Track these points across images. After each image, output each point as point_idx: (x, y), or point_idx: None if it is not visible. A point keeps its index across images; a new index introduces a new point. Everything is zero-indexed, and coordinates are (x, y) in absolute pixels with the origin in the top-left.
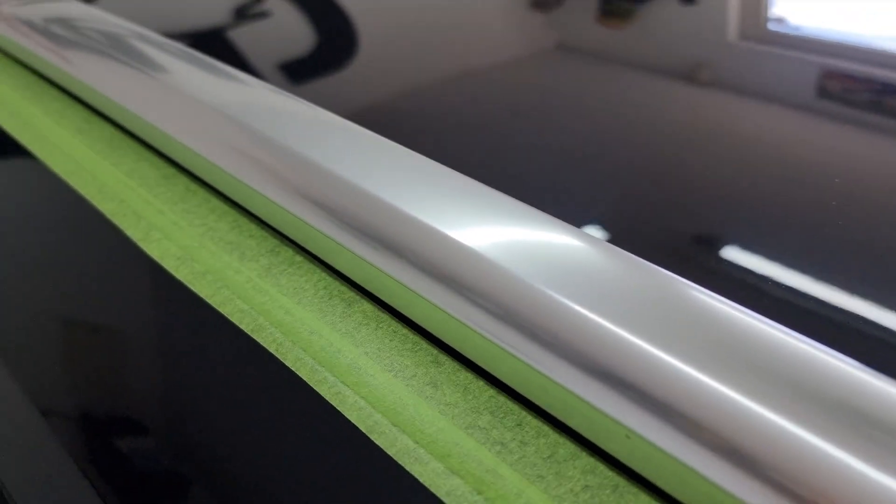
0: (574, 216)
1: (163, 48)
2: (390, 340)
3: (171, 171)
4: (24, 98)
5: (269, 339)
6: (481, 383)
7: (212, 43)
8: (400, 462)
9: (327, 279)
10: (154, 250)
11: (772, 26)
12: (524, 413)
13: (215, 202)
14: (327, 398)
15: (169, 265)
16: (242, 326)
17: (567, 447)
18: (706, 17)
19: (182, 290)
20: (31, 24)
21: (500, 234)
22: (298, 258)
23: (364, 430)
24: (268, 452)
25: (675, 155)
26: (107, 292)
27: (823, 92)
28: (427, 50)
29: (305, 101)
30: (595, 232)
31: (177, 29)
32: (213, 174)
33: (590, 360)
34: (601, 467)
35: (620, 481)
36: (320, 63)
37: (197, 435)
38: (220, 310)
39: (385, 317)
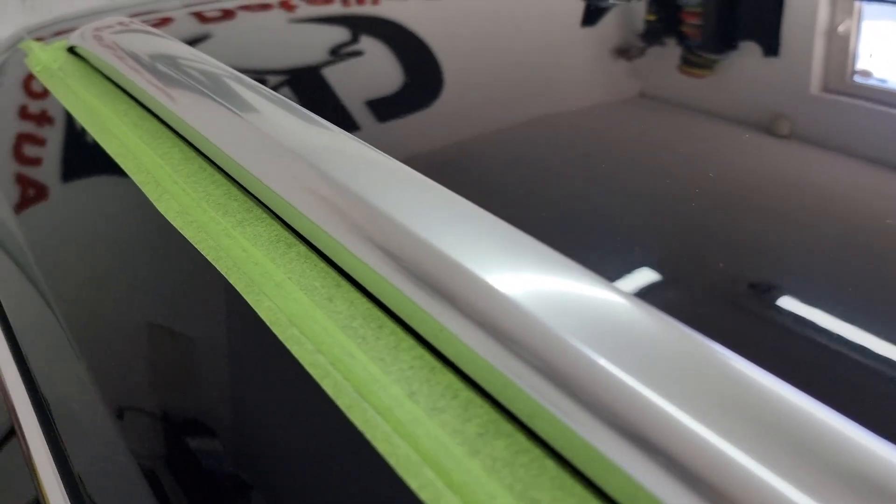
0: (652, 266)
1: (251, 88)
2: (310, 269)
3: (191, 153)
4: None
5: (225, 267)
6: (364, 299)
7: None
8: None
9: (279, 230)
10: (162, 207)
11: (857, 79)
12: (388, 321)
13: (217, 176)
14: (253, 304)
15: (170, 217)
16: (210, 258)
17: (408, 342)
18: (790, 70)
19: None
20: (136, 58)
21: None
22: (264, 215)
23: (275, 331)
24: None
25: (757, 209)
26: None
27: None
28: (511, 99)
29: (365, 143)
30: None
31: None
32: (213, 152)
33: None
34: (427, 356)
35: (437, 365)
36: (399, 106)
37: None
38: (199, 247)
39: (311, 255)
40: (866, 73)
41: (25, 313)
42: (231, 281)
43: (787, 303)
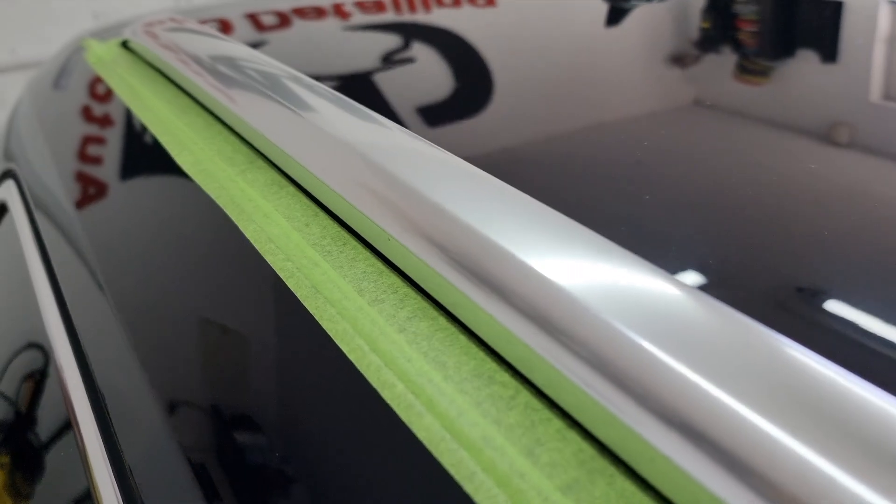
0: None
1: (310, 88)
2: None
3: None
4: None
5: (286, 273)
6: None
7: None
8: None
9: (355, 245)
10: (248, 232)
11: None
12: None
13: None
14: (307, 305)
15: (250, 235)
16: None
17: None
18: (848, 78)
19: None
20: (194, 58)
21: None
22: (342, 233)
23: (318, 319)
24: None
25: (816, 216)
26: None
27: None
28: (563, 106)
29: (426, 140)
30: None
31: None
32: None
33: None
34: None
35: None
36: (451, 109)
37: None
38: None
39: (368, 256)
40: None
41: (86, 309)
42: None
43: (849, 310)
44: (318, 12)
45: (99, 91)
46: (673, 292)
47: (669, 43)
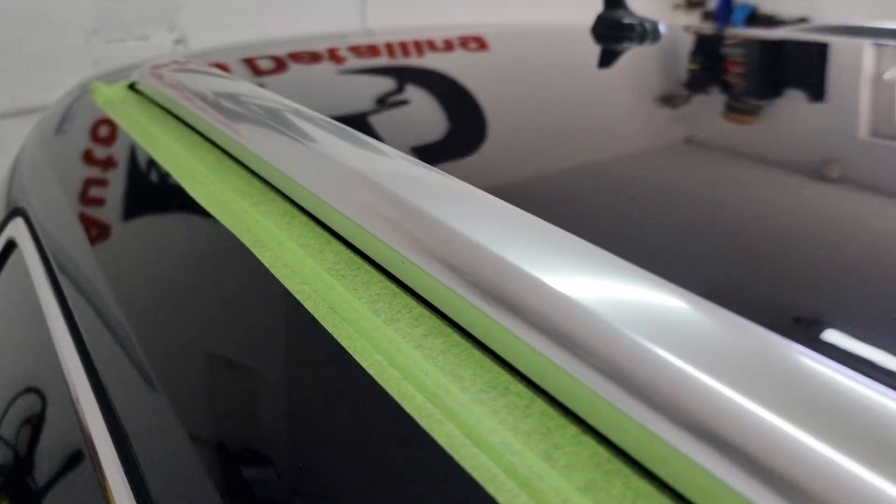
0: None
1: (311, 121)
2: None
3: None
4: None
5: (306, 299)
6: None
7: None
8: (352, 354)
9: (371, 272)
10: (265, 259)
11: None
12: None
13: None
14: (336, 335)
15: (267, 263)
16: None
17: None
18: (836, 115)
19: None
20: (202, 97)
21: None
22: (356, 259)
23: (350, 350)
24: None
25: (811, 252)
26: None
27: None
28: (555, 152)
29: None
30: None
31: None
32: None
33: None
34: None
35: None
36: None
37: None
38: (285, 282)
39: (390, 285)
40: None
41: (104, 342)
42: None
43: (846, 343)
44: (314, 57)
45: (107, 131)
46: (673, 298)
47: (660, 83)
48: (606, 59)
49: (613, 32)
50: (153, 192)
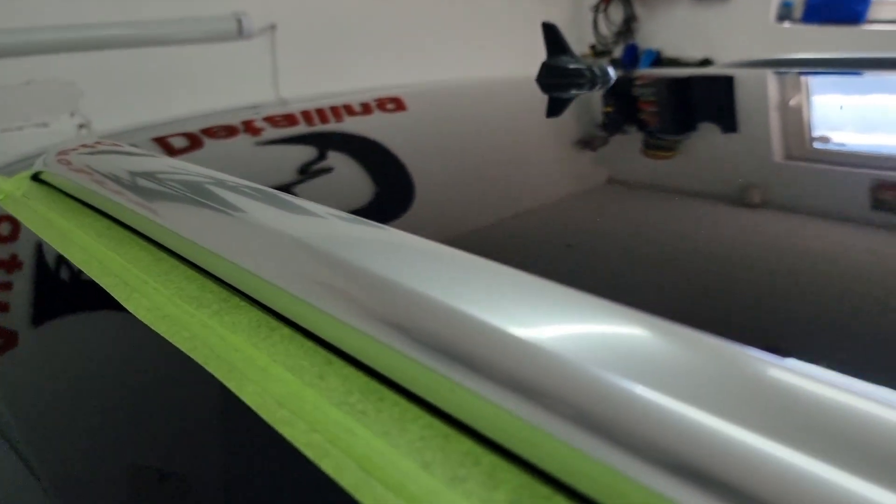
0: None
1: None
2: (296, 349)
3: (163, 255)
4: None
5: (203, 357)
6: (361, 374)
7: None
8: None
9: (259, 315)
10: (132, 306)
11: (817, 145)
12: (382, 387)
13: (189, 271)
14: (241, 395)
15: (142, 315)
16: (193, 355)
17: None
18: (751, 143)
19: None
20: (124, 181)
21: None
22: (243, 303)
23: (265, 416)
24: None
25: (739, 279)
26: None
27: (879, 203)
28: (484, 197)
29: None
30: None
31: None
32: (182, 247)
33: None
34: (438, 423)
35: (451, 431)
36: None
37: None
38: (181, 346)
39: (297, 336)
40: (825, 139)
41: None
42: (210, 369)
43: None
44: (229, 130)
45: (9, 229)
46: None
47: (579, 128)
48: (520, 104)
49: (561, 80)
50: (68, 300)
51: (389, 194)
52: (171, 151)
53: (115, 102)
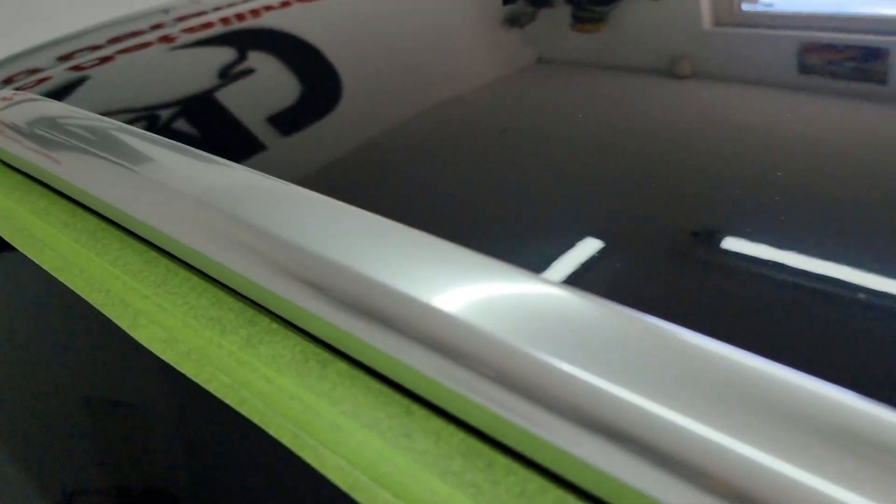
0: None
1: (138, 138)
2: (364, 396)
3: (153, 254)
4: (10, 198)
5: (252, 411)
6: (452, 428)
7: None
8: None
9: (303, 343)
10: (142, 335)
11: (745, 7)
12: (494, 453)
13: (195, 280)
14: (310, 461)
15: (156, 348)
16: (227, 400)
17: (536, 482)
18: (679, 10)
19: (170, 370)
20: (14, 128)
21: (454, 287)
22: (275, 326)
23: (346, 489)
24: None
25: (672, 150)
26: (99, 378)
27: (807, 66)
28: (414, 86)
29: (275, 179)
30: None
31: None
32: (190, 255)
33: (550, 399)
34: (571, 499)
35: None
36: (289, 132)
37: None
38: (207, 387)
39: (357, 373)
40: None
41: None
42: (272, 432)
43: (702, 236)
44: (139, 39)
45: None
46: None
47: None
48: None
49: None
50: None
51: (318, 90)
52: (80, 69)
53: None
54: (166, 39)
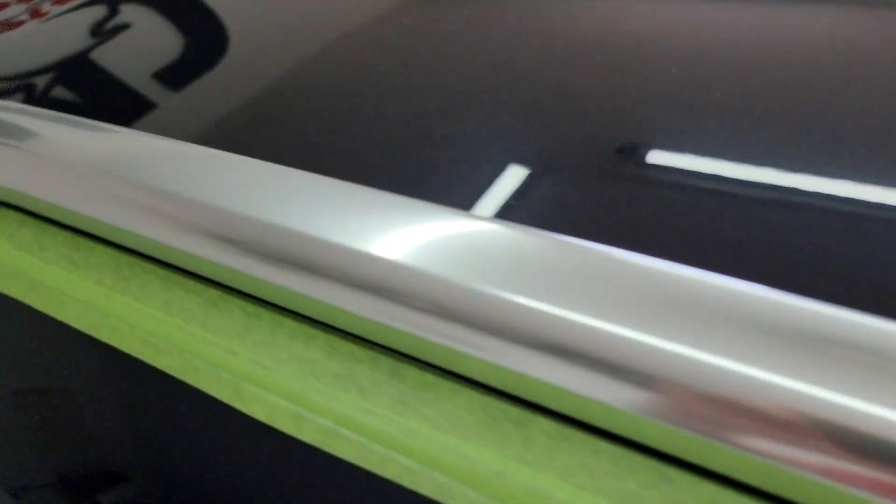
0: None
1: (18, 114)
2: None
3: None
4: None
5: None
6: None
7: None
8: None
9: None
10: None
11: None
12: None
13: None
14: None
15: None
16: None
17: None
18: None
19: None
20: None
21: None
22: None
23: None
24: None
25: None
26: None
27: None
28: (299, 23)
29: (169, 139)
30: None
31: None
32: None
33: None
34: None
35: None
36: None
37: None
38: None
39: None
40: None
41: None
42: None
43: (622, 150)
44: (13, 25)
45: None
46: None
47: None
48: None
49: None
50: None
51: (201, 40)
52: None
53: None
54: (38, 15)
